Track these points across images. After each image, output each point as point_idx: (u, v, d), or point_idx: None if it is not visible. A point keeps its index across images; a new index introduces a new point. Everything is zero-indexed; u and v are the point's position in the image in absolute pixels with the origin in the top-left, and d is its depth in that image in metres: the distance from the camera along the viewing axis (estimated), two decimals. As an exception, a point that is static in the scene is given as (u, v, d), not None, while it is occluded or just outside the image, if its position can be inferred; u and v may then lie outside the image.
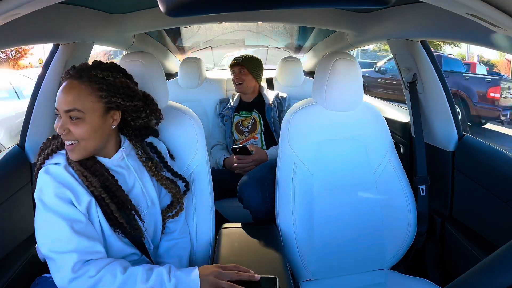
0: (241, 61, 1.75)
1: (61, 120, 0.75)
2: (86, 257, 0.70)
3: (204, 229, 1.03)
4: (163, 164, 0.94)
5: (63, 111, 0.75)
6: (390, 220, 1.13)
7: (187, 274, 0.72)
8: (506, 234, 0.97)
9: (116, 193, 0.79)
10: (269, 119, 1.70)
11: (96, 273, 0.68)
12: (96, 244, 0.72)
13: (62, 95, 0.75)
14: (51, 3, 0.57)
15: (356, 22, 1.40)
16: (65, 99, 0.75)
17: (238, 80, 1.74)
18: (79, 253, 0.69)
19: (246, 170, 1.47)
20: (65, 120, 0.75)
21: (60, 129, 0.75)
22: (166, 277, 0.71)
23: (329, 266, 1.11)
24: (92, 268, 0.69)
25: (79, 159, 0.77)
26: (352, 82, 1.11)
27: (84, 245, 0.70)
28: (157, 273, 0.71)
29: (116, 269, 0.70)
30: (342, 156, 1.13)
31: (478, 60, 10.64)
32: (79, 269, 0.68)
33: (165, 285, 0.70)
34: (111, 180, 0.79)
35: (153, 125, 0.96)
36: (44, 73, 1.14)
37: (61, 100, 0.75)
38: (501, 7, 0.52)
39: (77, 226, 0.71)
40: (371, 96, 2.47)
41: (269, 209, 1.16)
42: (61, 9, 0.97)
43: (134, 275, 0.70)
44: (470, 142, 1.17)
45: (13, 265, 0.93)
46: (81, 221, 0.72)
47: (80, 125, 0.75)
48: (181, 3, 0.49)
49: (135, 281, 0.69)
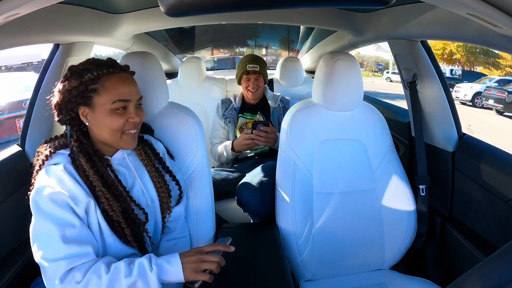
0: (258, 69, 1.67)
1: (133, 109, 0.80)
2: (75, 263, 0.69)
3: (204, 229, 1.03)
4: (161, 164, 0.94)
5: (136, 99, 0.81)
6: (390, 220, 1.13)
7: (167, 261, 0.73)
8: (506, 234, 0.97)
9: (118, 196, 0.79)
10: (273, 121, 1.69)
11: (82, 277, 0.68)
12: (87, 248, 0.71)
13: (131, 87, 0.80)
14: (51, 3, 0.57)
15: (356, 22, 1.40)
16: (136, 88, 0.82)
17: (255, 88, 1.69)
18: (68, 261, 0.68)
19: (265, 141, 1.45)
20: (136, 109, 0.81)
21: (138, 117, 0.80)
22: (148, 267, 0.71)
23: (329, 266, 1.11)
24: (78, 273, 0.68)
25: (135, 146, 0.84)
26: (352, 82, 1.11)
27: (74, 251, 0.69)
28: (139, 265, 0.71)
29: (100, 269, 0.69)
30: (342, 156, 1.13)
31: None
32: (66, 276, 0.68)
33: (147, 275, 0.70)
34: (113, 180, 0.79)
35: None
36: (44, 73, 1.14)
37: (134, 90, 0.81)
38: (501, 7, 0.52)
39: (69, 232, 0.70)
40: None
41: (268, 213, 1.16)
42: (61, 9, 0.97)
43: (118, 271, 0.70)
44: (470, 142, 1.17)
45: (13, 265, 0.93)
46: (74, 226, 0.71)
47: (143, 109, 0.85)
48: (181, 3, 0.49)
49: (119, 277, 0.69)
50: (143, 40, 1.83)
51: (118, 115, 0.78)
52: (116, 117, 0.78)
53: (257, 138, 1.45)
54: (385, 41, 1.41)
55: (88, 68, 0.77)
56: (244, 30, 2.51)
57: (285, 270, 0.88)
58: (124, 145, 0.82)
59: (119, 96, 0.77)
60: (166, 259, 0.73)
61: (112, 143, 0.81)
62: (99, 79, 0.76)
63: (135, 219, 0.80)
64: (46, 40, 1.05)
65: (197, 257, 0.74)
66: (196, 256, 0.74)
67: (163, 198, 0.91)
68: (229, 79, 2.27)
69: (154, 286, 0.70)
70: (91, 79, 0.76)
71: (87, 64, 0.78)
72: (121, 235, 0.78)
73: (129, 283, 0.69)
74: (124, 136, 0.81)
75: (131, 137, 0.82)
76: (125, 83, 0.79)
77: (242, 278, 0.86)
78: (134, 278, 0.69)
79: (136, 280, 0.69)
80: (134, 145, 0.83)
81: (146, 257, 0.74)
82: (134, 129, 0.82)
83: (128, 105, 0.79)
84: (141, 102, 0.83)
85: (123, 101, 0.78)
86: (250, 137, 1.46)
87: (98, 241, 0.76)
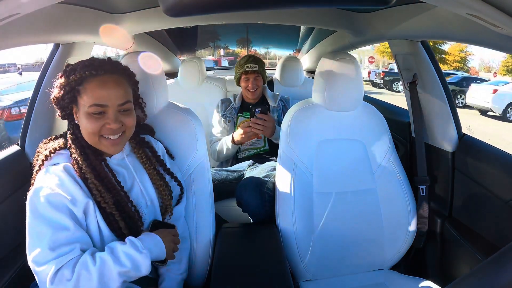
0: (257, 68, 1.67)
1: (113, 115, 0.76)
2: (62, 262, 0.68)
3: (204, 229, 1.03)
4: (161, 166, 0.94)
5: (116, 105, 0.77)
6: (390, 220, 1.13)
7: (148, 235, 0.79)
8: (506, 234, 0.97)
9: (111, 189, 0.78)
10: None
11: (71, 275, 0.67)
12: (75, 245, 0.70)
13: (109, 91, 0.76)
14: (51, 3, 0.57)
15: (356, 22, 1.40)
16: (117, 93, 0.77)
17: (254, 87, 1.69)
18: (56, 261, 0.67)
19: (263, 129, 1.43)
20: (117, 114, 0.77)
21: (115, 124, 0.76)
22: (139, 245, 0.75)
23: (329, 266, 1.11)
24: (66, 271, 0.67)
25: (121, 150, 0.83)
26: (352, 82, 1.11)
27: (62, 252, 0.68)
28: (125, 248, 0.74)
29: (87, 261, 0.69)
30: (342, 156, 1.13)
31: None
32: (55, 277, 0.67)
33: (138, 248, 0.74)
34: (106, 173, 0.79)
35: (143, 120, 0.97)
36: (44, 73, 1.14)
37: (113, 95, 0.76)
38: (501, 7, 0.52)
39: (62, 235, 0.69)
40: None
41: (268, 213, 1.16)
42: (61, 9, 0.97)
43: (104, 260, 0.70)
44: (470, 142, 1.17)
45: (13, 265, 0.93)
46: (67, 229, 0.70)
47: (130, 115, 0.81)
48: (181, 3, 0.49)
49: (109, 266, 0.70)
50: (143, 40, 1.82)
51: (94, 119, 0.76)
52: (92, 121, 0.76)
53: (255, 126, 1.43)
54: (385, 41, 1.41)
55: (75, 68, 0.77)
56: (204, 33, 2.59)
57: (285, 270, 0.88)
58: (104, 149, 0.80)
59: (95, 100, 0.75)
60: (147, 235, 0.79)
61: (93, 146, 0.79)
62: (83, 81, 0.76)
63: (129, 212, 0.79)
64: (46, 40, 1.04)
65: (172, 238, 0.83)
66: (170, 236, 0.83)
67: (165, 200, 0.91)
68: (229, 79, 2.26)
69: (145, 269, 0.74)
70: (75, 80, 0.76)
71: (78, 64, 0.78)
72: (116, 229, 0.77)
73: (120, 270, 0.70)
74: (103, 141, 0.78)
75: (110, 142, 0.78)
76: (103, 87, 0.75)
77: (242, 278, 0.86)
78: (124, 259, 0.72)
79: (127, 266, 0.72)
80: (116, 150, 0.80)
81: (127, 240, 0.75)
82: (113, 135, 0.78)
83: (106, 110, 0.76)
84: (126, 108, 0.79)
85: (98, 106, 0.75)
86: (248, 124, 1.45)
87: (97, 242, 0.76)
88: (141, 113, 0.94)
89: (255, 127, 1.43)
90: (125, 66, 0.84)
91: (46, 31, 0.98)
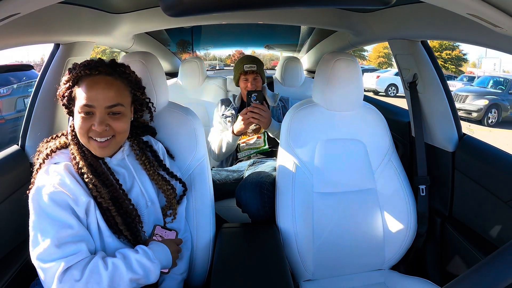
0: (256, 68, 1.65)
1: (99, 117, 0.75)
2: (72, 262, 0.69)
3: (204, 229, 1.03)
4: (159, 163, 0.93)
5: (103, 107, 0.75)
6: (390, 220, 1.13)
7: (157, 245, 0.81)
8: (506, 234, 0.97)
9: (108, 185, 0.78)
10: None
11: (81, 276, 0.68)
12: (81, 245, 0.71)
13: (98, 92, 0.75)
14: (51, 3, 0.57)
15: (356, 22, 1.40)
16: (106, 95, 0.75)
17: (253, 88, 1.68)
18: (65, 260, 0.68)
19: (260, 119, 1.42)
20: (104, 117, 0.76)
21: (100, 126, 0.74)
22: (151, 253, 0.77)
23: (329, 266, 1.11)
24: (75, 271, 0.68)
25: (110, 155, 0.81)
26: (352, 82, 1.11)
27: (69, 250, 0.69)
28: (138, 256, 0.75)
29: (98, 265, 0.70)
30: (342, 156, 1.13)
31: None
32: (64, 275, 0.67)
33: (150, 257, 0.76)
34: (103, 169, 0.79)
35: (148, 122, 0.97)
36: (45, 73, 1.14)
37: (101, 96, 0.75)
38: (501, 7, 0.52)
39: (66, 233, 0.69)
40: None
41: (268, 214, 1.15)
42: (61, 9, 0.97)
43: (117, 266, 0.71)
44: (470, 142, 1.17)
45: (13, 265, 0.93)
46: (71, 227, 0.70)
47: (121, 119, 0.78)
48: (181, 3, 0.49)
49: (121, 271, 0.71)
50: (144, 40, 1.83)
51: (83, 119, 0.75)
52: (81, 120, 0.75)
53: (251, 115, 1.42)
54: (385, 41, 1.41)
55: (75, 67, 0.78)
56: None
57: (285, 270, 0.88)
58: (92, 151, 0.79)
59: (84, 100, 0.75)
60: (154, 244, 0.81)
61: (85, 146, 0.79)
62: (78, 80, 0.77)
63: (127, 208, 0.80)
64: (46, 40, 1.05)
65: (176, 248, 0.86)
66: (175, 246, 0.86)
67: (171, 199, 0.91)
68: (229, 79, 2.27)
69: (155, 278, 0.77)
70: (72, 79, 0.77)
71: (78, 63, 0.79)
72: (113, 225, 0.77)
73: (132, 277, 0.72)
74: (92, 142, 0.77)
75: (97, 144, 0.77)
76: (92, 88, 0.75)
77: (242, 278, 0.86)
78: (136, 264, 0.74)
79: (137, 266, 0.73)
80: (103, 154, 0.79)
81: (143, 253, 0.77)
82: (100, 138, 0.76)
83: (93, 111, 0.75)
84: (116, 111, 0.77)
85: (86, 106, 0.75)
86: (246, 111, 1.43)
87: (97, 242, 0.76)
88: (148, 115, 0.95)
89: (252, 115, 1.42)
90: (126, 70, 0.83)
91: (46, 31, 0.98)
